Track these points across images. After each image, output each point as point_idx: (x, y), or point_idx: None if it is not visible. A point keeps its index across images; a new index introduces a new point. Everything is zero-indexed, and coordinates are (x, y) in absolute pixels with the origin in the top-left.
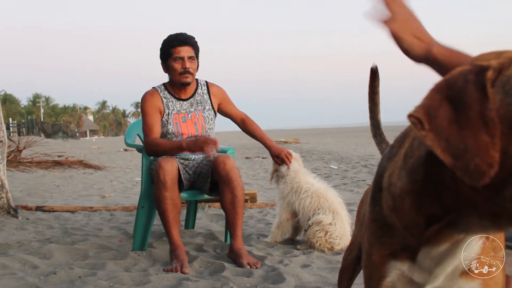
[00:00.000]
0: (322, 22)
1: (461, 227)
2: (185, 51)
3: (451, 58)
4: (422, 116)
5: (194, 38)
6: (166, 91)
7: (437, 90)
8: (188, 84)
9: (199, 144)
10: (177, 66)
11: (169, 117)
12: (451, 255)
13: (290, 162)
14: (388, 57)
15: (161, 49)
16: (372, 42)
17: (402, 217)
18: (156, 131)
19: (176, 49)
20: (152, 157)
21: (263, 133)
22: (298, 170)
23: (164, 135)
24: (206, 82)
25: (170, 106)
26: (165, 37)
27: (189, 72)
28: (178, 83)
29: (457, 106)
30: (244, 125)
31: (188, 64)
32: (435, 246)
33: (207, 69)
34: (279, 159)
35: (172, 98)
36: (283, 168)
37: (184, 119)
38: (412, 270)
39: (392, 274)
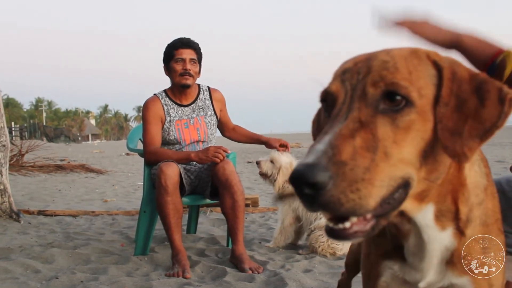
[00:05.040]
0: (324, 22)
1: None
2: (187, 53)
3: (478, 48)
4: None
5: (197, 43)
6: (167, 98)
7: None
8: (188, 86)
9: (210, 153)
10: (178, 67)
11: (171, 124)
12: (424, 247)
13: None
14: None
15: (164, 52)
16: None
17: None
18: (158, 141)
19: (178, 50)
20: None
21: (255, 133)
22: None
23: (166, 142)
24: (209, 87)
25: (171, 113)
26: (169, 41)
27: (189, 74)
28: (178, 85)
29: None
30: (235, 132)
31: (189, 66)
32: (406, 240)
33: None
34: (282, 146)
35: (174, 105)
36: (284, 155)
37: (186, 125)
38: (403, 270)
39: (386, 273)
